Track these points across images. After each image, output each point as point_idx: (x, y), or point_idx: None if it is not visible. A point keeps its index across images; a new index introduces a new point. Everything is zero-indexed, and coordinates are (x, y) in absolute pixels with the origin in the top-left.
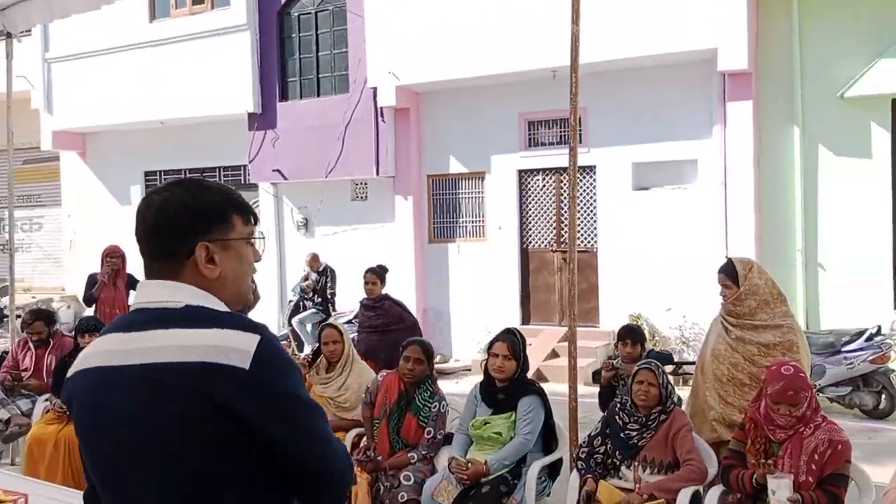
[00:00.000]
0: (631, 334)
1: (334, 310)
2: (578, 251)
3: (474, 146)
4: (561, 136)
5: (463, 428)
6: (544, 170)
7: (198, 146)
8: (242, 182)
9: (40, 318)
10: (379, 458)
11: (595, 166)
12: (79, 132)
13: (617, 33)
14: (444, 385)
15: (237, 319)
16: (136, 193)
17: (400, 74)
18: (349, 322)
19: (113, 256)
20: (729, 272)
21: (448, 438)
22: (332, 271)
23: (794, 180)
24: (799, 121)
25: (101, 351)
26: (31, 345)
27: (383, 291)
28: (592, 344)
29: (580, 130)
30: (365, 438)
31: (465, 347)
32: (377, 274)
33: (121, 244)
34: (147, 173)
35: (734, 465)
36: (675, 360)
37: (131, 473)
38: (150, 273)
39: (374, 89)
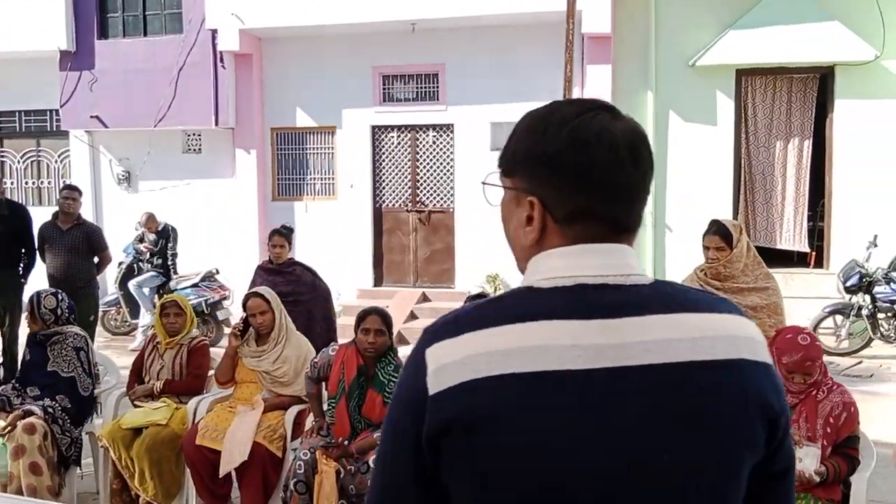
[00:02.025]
0: None
1: (175, 272)
2: (434, 211)
3: (324, 99)
4: (418, 92)
5: None
6: (399, 126)
7: None
8: (49, 129)
9: None
10: (344, 442)
11: (452, 125)
12: None
13: None
14: None
15: (714, 300)
16: None
17: (244, 17)
18: (195, 286)
19: None
20: (724, 234)
21: None
22: (174, 230)
23: None
24: (652, 86)
25: (565, 346)
26: None
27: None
28: (447, 305)
29: (437, 87)
30: (312, 418)
31: None
32: (285, 236)
33: None
34: None
35: None
36: None
37: None
38: (611, 231)
39: (213, 31)
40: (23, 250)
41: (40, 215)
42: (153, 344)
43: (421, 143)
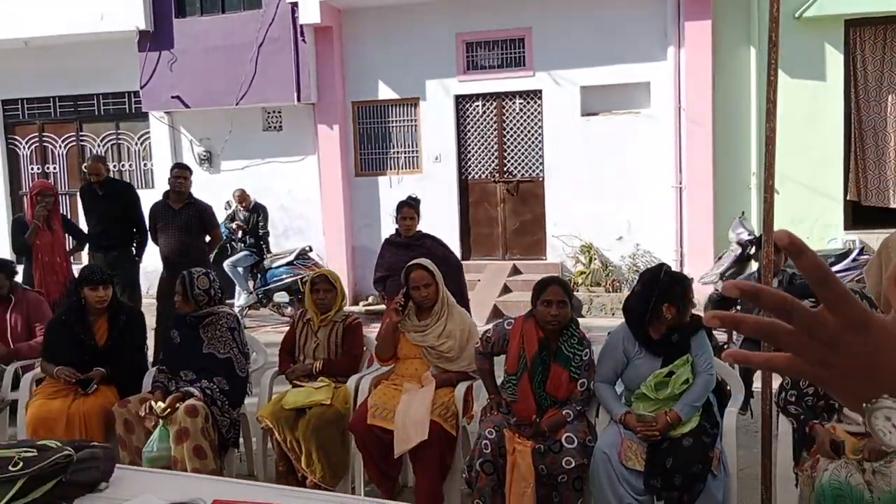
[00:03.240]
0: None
1: (268, 251)
2: (522, 181)
3: (406, 70)
4: (503, 58)
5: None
6: (485, 95)
7: (72, 70)
8: (128, 111)
9: (1, 269)
10: (536, 420)
11: (541, 91)
12: None
13: None
14: None
15: None
16: None
17: None
18: (290, 264)
19: (45, 195)
20: None
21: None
22: (264, 209)
23: (749, 103)
24: (755, 41)
25: None
26: None
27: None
28: (539, 277)
29: (524, 52)
30: (487, 396)
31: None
32: (414, 207)
33: None
34: (6, 102)
35: None
36: None
37: None
38: None
39: (293, 5)
40: (134, 230)
41: None
42: (304, 322)
43: (507, 111)
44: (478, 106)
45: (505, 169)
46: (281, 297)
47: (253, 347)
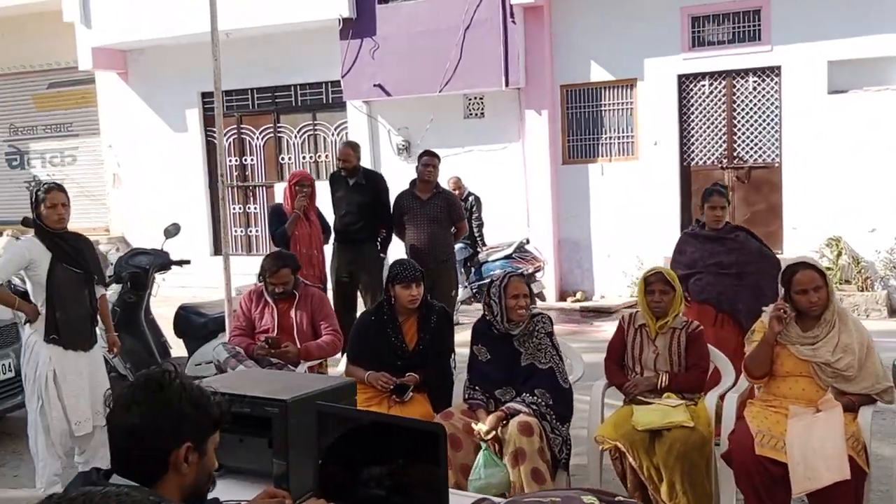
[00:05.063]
0: None
1: (483, 243)
2: (755, 167)
3: (622, 49)
4: (735, 32)
5: None
6: (712, 73)
7: (271, 61)
8: (325, 102)
9: (287, 263)
10: None
11: (780, 67)
12: (119, 49)
13: None
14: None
15: None
16: (194, 118)
17: None
18: (508, 258)
19: (303, 184)
20: None
21: None
22: (478, 198)
23: None
24: None
25: None
26: (267, 298)
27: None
28: None
29: (759, 25)
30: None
31: (612, 283)
32: (725, 196)
33: (177, 175)
34: (205, 94)
35: None
36: None
37: None
38: None
39: None
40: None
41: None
42: (635, 327)
43: (739, 90)
44: (704, 85)
45: (735, 154)
46: None
47: (567, 354)
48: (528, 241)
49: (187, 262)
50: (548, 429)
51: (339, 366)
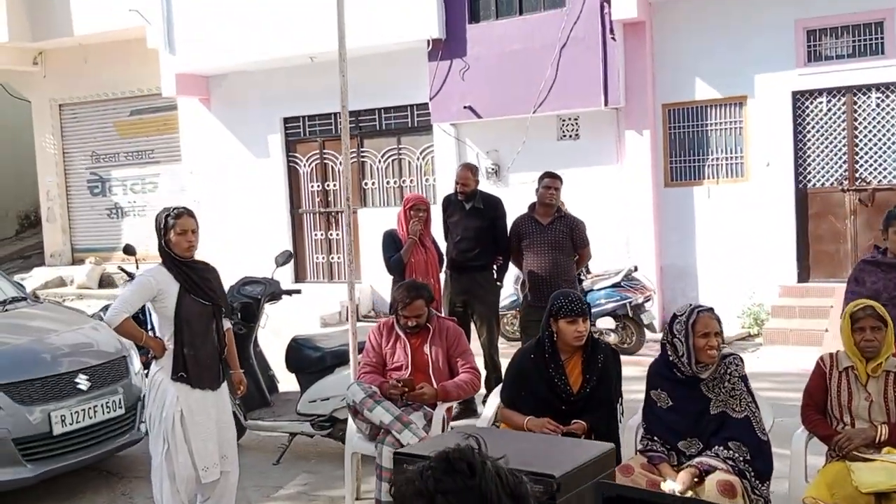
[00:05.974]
0: None
1: (587, 271)
2: (879, 188)
3: (730, 65)
4: (855, 46)
5: None
6: (830, 90)
7: (355, 85)
8: (410, 125)
9: (421, 294)
10: None
11: None
12: (201, 75)
13: None
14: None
15: None
16: (276, 143)
17: None
18: (616, 286)
19: (419, 208)
20: None
21: None
22: (581, 223)
23: None
24: None
25: None
26: (399, 331)
27: None
28: None
29: (882, 38)
30: None
31: (720, 314)
32: None
33: (259, 200)
34: (287, 119)
35: None
36: None
37: None
38: None
39: (603, 0)
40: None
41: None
42: (840, 371)
43: (861, 106)
44: (821, 102)
45: (857, 175)
46: (604, 322)
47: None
48: (636, 269)
49: (298, 291)
50: (748, 487)
51: (483, 408)
